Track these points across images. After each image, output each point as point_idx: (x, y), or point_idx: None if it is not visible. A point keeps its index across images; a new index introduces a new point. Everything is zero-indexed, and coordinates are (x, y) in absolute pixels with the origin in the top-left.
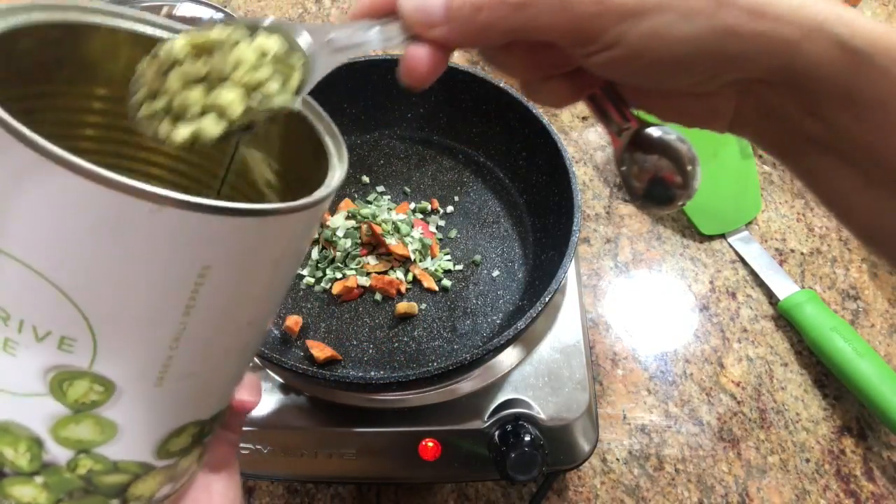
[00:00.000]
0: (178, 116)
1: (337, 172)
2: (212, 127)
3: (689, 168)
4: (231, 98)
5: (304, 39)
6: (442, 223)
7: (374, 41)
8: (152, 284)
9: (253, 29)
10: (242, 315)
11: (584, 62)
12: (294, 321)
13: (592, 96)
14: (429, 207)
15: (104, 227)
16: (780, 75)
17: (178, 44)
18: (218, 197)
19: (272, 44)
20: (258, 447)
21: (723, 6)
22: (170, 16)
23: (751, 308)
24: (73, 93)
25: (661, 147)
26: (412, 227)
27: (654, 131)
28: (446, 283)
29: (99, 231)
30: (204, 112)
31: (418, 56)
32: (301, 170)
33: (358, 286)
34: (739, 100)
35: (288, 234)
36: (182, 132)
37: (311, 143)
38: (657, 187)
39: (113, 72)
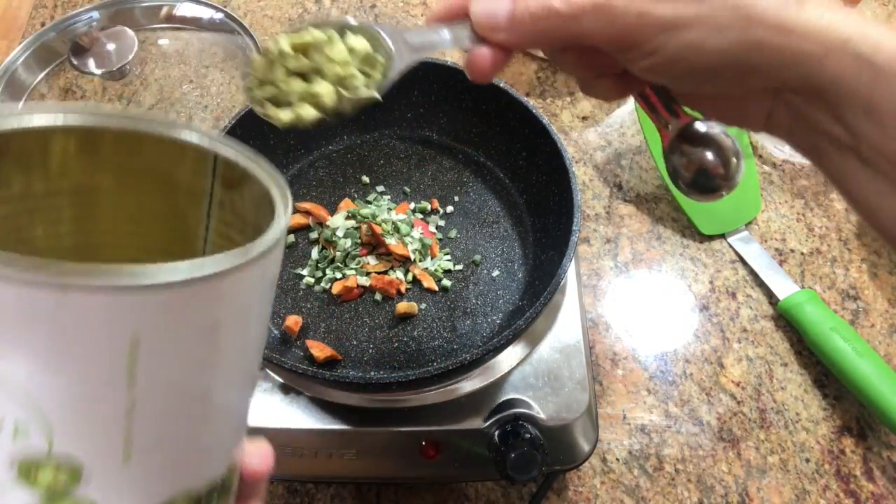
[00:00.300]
0: (281, 102)
1: (274, 226)
2: (309, 113)
3: (734, 161)
4: (325, 91)
5: (386, 40)
6: (442, 223)
7: (446, 41)
8: (83, 362)
9: (341, 29)
10: (200, 381)
11: (627, 66)
12: (294, 321)
13: (642, 94)
14: (429, 207)
15: (21, 317)
16: (804, 86)
17: (283, 43)
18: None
19: (360, 44)
20: None
21: (752, 23)
22: (170, 16)
23: (751, 308)
24: (14, 196)
25: (707, 140)
26: (412, 227)
27: (700, 126)
28: (446, 283)
29: (17, 321)
30: (303, 99)
31: (484, 55)
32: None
33: (358, 286)
34: (771, 103)
35: (225, 297)
36: (286, 115)
37: (265, 199)
38: (702, 177)
39: (48, 165)
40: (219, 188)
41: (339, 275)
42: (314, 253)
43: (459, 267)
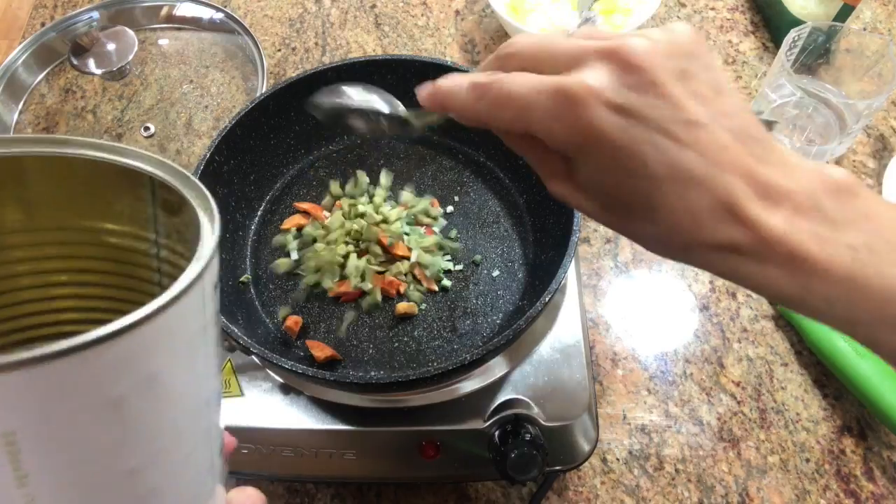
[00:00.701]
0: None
1: (190, 268)
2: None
3: None
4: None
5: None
6: (442, 223)
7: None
8: None
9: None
10: (116, 465)
11: None
12: (294, 321)
13: None
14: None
15: None
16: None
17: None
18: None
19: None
20: (258, 447)
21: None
22: (170, 16)
23: (751, 308)
24: None
25: None
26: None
27: None
28: (446, 283)
29: None
30: None
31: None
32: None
33: (358, 287)
34: None
35: (121, 369)
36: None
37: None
38: None
39: None
40: (161, 214)
41: (338, 276)
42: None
43: (459, 267)
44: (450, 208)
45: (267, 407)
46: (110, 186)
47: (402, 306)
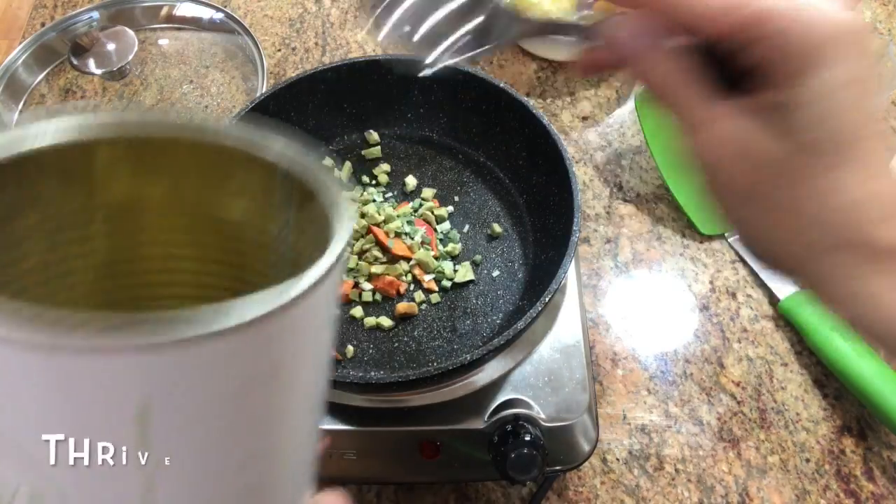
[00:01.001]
0: None
1: (327, 254)
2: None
3: None
4: None
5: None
6: (447, 225)
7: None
8: (85, 431)
9: None
10: (228, 455)
11: None
12: None
13: None
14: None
15: (13, 381)
16: None
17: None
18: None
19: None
20: None
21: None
22: (170, 16)
23: (751, 308)
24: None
25: None
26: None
27: None
28: (446, 283)
29: (9, 384)
30: None
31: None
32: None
33: (358, 287)
34: None
35: (256, 351)
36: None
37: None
38: None
39: (87, 183)
40: (292, 203)
41: None
42: None
43: (460, 269)
44: (450, 208)
45: None
46: (245, 171)
47: (402, 306)
